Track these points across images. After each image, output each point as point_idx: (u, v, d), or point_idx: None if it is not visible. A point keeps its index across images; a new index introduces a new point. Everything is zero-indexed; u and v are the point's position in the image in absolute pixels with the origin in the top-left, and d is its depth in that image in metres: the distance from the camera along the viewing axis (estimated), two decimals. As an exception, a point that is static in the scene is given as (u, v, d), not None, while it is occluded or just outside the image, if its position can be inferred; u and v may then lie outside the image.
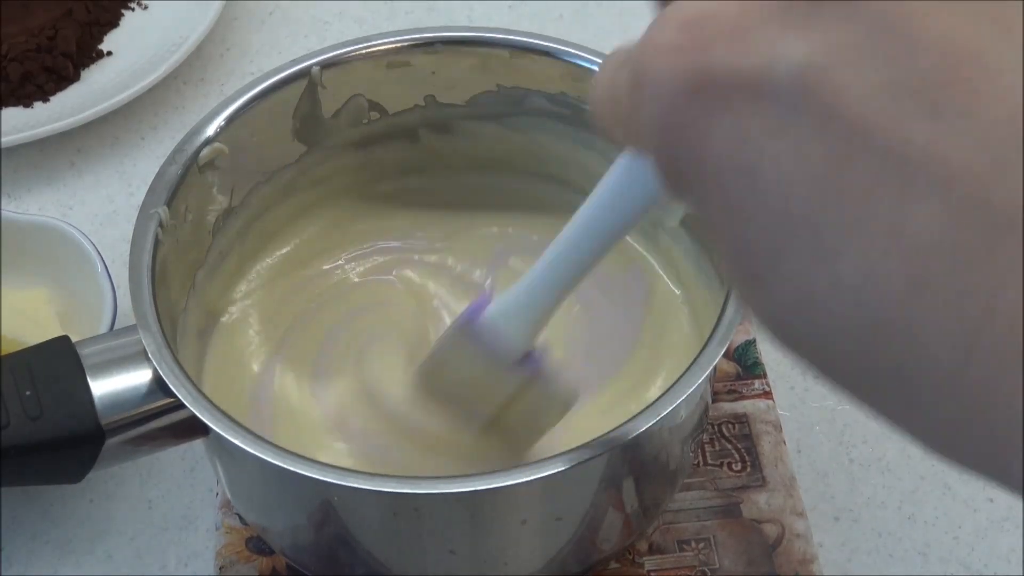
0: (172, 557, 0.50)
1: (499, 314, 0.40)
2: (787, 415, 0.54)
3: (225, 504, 0.50)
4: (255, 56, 0.72)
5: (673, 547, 0.48)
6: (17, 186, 0.65)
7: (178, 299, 0.46)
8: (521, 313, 0.39)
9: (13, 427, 0.38)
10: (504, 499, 0.39)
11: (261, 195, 0.51)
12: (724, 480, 0.50)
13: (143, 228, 0.43)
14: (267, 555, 0.48)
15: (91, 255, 0.54)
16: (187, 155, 0.46)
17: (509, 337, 0.40)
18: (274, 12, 0.75)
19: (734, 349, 0.55)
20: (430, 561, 0.42)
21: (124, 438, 0.40)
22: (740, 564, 0.48)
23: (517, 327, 0.40)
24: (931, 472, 0.52)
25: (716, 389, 0.53)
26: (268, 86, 0.48)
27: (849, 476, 0.52)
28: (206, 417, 0.38)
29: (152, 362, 0.39)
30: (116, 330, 0.43)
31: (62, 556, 0.50)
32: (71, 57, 0.69)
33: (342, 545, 0.42)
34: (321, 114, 0.50)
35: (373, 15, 0.74)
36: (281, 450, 0.37)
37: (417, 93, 0.51)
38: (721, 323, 0.40)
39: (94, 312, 0.52)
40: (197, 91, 0.70)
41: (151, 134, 0.68)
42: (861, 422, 0.54)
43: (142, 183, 0.58)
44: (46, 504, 0.52)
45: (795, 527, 0.49)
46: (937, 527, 0.51)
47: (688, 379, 0.38)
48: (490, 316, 0.40)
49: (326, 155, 0.52)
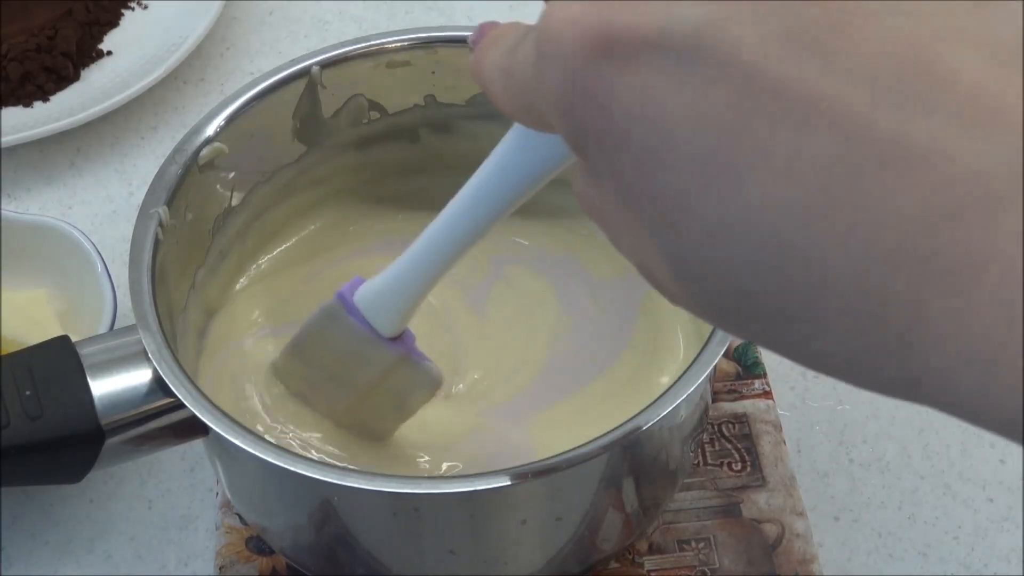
0: (172, 557, 0.50)
1: (373, 293, 0.42)
2: (787, 415, 0.54)
3: (225, 504, 0.50)
4: (255, 56, 0.72)
5: (673, 547, 0.48)
6: (17, 186, 0.65)
7: (178, 299, 0.46)
8: (392, 296, 0.41)
9: (13, 427, 0.38)
10: (504, 499, 0.39)
11: (261, 195, 0.51)
12: (724, 480, 0.50)
13: (143, 228, 0.43)
14: (267, 555, 0.48)
15: (91, 255, 0.54)
16: (187, 155, 0.46)
17: (381, 316, 0.42)
18: (274, 12, 0.75)
19: (734, 349, 0.55)
20: (430, 561, 0.42)
21: (124, 438, 0.40)
22: (740, 564, 0.48)
23: (389, 308, 0.41)
24: (931, 472, 0.52)
25: (716, 389, 0.53)
26: (268, 86, 0.48)
27: (849, 476, 0.52)
28: (206, 417, 0.38)
29: (152, 362, 0.39)
30: (116, 330, 0.43)
31: (62, 556, 0.50)
32: (71, 57, 0.69)
33: (342, 545, 0.42)
34: (321, 114, 0.50)
35: (373, 15, 0.74)
36: (281, 450, 0.37)
37: (417, 93, 0.51)
38: (721, 323, 0.40)
39: (94, 312, 0.52)
40: (197, 91, 0.70)
41: (151, 134, 0.68)
42: (861, 422, 0.54)
43: (142, 183, 0.58)
44: (46, 504, 0.52)
45: (795, 527, 0.49)
46: (937, 527, 0.51)
47: (688, 379, 0.38)
48: (363, 295, 0.42)
49: (326, 155, 0.52)
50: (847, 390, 0.55)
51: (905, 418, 0.54)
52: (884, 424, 0.54)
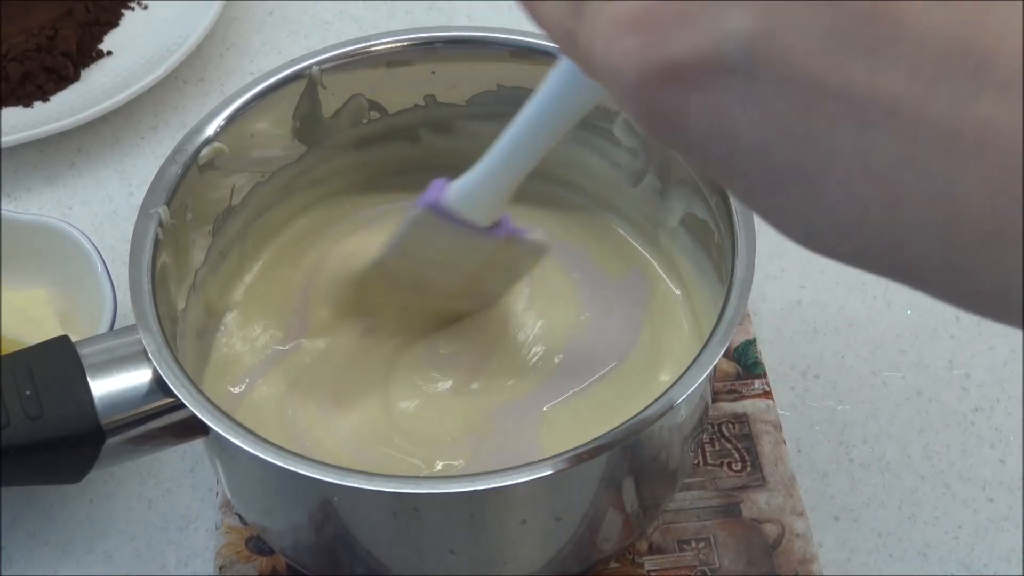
0: (172, 557, 0.50)
1: (464, 193, 0.43)
2: (787, 415, 0.54)
3: (225, 504, 0.50)
4: (255, 56, 0.72)
5: (673, 547, 0.48)
6: (17, 186, 0.65)
7: (178, 299, 0.46)
8: (487, 191, 0.42)
9: (13, 427, 0.38)
10: (504, 499, 0.39)
11: (261, 195, 0.51)
12: (724, 480, 0.50)
13: (143, 228, 0.43)
14: (267, 555, 0.48)
15: (91, 255, 0.54)
16: (187, 155, 0.46)
17: (478, 211, 0.43)
18: (274, 12, 0.75)
19: (734, 349, 0.55)
20: (430, 561, 0.42)
21: (124, 438, 0.40)
22: (740, 564, 0.48)
23: (484, 202, 0.43)
24: (931, 472, 0.52)
25: (716, 389, 0.53)
26: (268, 86, 0.48)
27: (849, 476, 0.52)
28: (206, 417, 0.38)
29: (152, 362, 0.39)
30: (116, 330, 0.43)
31: (62, 556, 0.50)
32: (71, 57, 0.69)
33: (342, 545, 0.42)
34: (321, 114, 0.50)
35: (373, 15, 0.74)
36: (281, 450, 0.37)
37: (417, 93, 0.51)
38: (721, 323, 0.40)
39: (94, 312, 0.52)
40: (197, 91, 0.70)
41: (151, 134, 0.68)
42: (861, 422, 0.54)
43: (142, 183, 0.58)
44: (46, 504, 0.52)
45: (795, 527, 0.49)
46: (937, 527, 0.51)
47: (688, 379, 0.38)
48: (454, 194, 0.43)
49: (326, 155, 0.52)
50: (847, 390, 0.55)
51: (905, 418, 0.54)
52: (884, 424, 0.54)
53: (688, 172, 0.46)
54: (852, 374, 0.56)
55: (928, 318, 0.58)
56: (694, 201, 0.47)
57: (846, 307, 0.58)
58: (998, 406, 0.54)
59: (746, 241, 0.42)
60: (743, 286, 0.41)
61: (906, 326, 0.57)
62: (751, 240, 0.42)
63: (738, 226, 0.42)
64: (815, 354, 0.56)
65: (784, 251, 0.61)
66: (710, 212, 0.46)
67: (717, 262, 0.46)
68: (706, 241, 0.47)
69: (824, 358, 0.56)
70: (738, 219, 0.43)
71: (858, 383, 0.55)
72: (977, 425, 0.54)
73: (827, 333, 0.57)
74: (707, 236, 0.47)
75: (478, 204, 0.43)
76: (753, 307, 0.58)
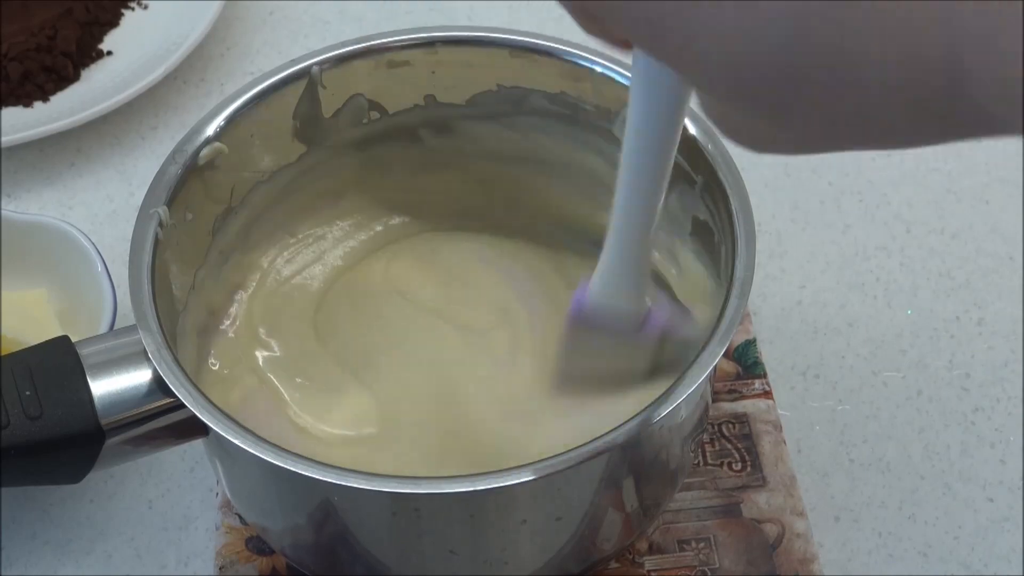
0: (172, 557, 0.50)
1: (601, 290, 0.41)
2: (787, 415, 0.54)
3: (225, 504, 0.50)
4: (255, 56, 0.72)
5: (673, 547, 0.48)
6: (17, 186, 0.65)
7: (178, 299, 0.46)
8: (621, 277, 0.40)
9: (13, 427, 0.38)
10: (504, 499, 0.39)
11: (261, 195, 0.50)
12: (724, 480, 0.50)
13: (143, 228, 0.43)
14: (267, 555, 0.48)
15: (91, 255, 0.54)
16: (187, 155, 0.46)
17: (621, 307, 0.41)
18: (274, 12, 0.75)
19: (734, 349, 0.55)
20: (430, 561, 0.42)
21: (124, 438, 0.40)
22: (740, 564, 0.48)
23: (624, 293, 0.40)
24: (931, 472, 0.52)
25: (716, 389, 0.53)
26: (268, 86, 0.48)
27: (849, 476, 0.52)
28: (206, 417, 0.38)
29: (152, 362, 0.39)
30: (116, 330, 0.43)
31: (62, 556, 0.50)
32: (71, 57, 0.69)
33: (342, 545, 0.42)
34: (321, 114, 0.50)
35: (373, 15, 0.74)
36: (281, 450, 0.37)
37: (417, 93, 0.51)
38: (721, 323, 0.40)
39: (94, 312, 0.52)
40: (197, 91, 0.70)
41: (151, 134, 0.68)
42: (861, 422, 0.54)
43: (142, 183, 0.58)
44: (46, 504, 0.52)
45: (795, 527, 0.49)
46: (937, 527, 0.51)
47: (688, 379, 0.38)
48: (594, 297, 0.41)
49: (326, 155, 0.52)
50: (847, 390, 0.55)
51: (905, 418, 0.54)
52: (884, 424, 0.54)
53: (688, 172, 0.46)
54: (852, 374, 0.56)
55: (928, 318, 0.58)
56: (694, 201, 0.47)
57: (846, 307, 0.58)
58: (998, 406, 0.54)
59: (746, 241, 0.42)
60: (743, 286, 0.41)
61: (906, 326, 0.57)
62: (751, 240, 0.42)
63: (738, 226, 0.42)
64: (815, 354, 0.56)
65: (784, 251, 0.61)
66: (710, 212, 0.46)
67: (717, 262, 0.46)
68: (706, 241, 0.47)
69: (824, 358, 0.56)
70: (738, 219, 0.43)
71: (858, 383, 0.55)
72: (977, 425, 0.54)
73: (827, 333, 0.57)
74: (707, 236, 0.47)
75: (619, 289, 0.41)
76: (753, 307, 0.58)
